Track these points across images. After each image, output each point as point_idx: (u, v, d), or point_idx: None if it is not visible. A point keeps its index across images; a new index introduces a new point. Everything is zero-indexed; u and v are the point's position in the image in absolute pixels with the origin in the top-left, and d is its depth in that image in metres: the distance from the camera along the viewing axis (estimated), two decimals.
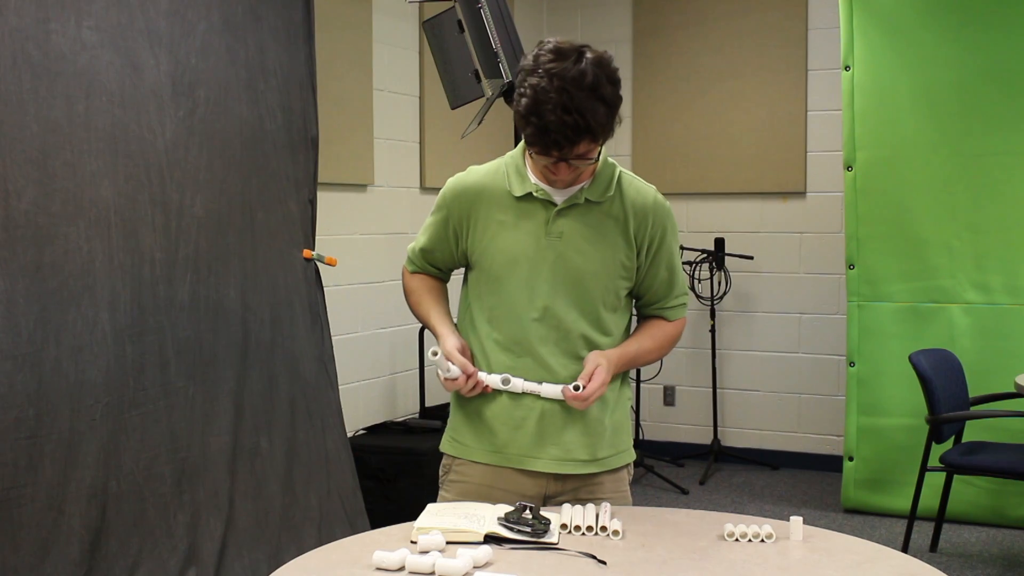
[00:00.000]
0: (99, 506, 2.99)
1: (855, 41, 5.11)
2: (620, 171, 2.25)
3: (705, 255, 6.03)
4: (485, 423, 2.24)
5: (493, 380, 2.18)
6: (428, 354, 2.16)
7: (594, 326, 2.21)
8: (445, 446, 2.34)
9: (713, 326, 6.10)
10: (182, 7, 3.28)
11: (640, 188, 2.25)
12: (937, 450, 4.52)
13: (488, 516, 2.03)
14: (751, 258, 6.07)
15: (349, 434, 4.21)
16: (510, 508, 2.05)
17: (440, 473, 2.35)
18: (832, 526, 4.82)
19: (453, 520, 2.01)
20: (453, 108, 3.89)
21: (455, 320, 2.33)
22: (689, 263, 6.02)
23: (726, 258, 6.05)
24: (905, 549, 4.48)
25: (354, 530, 3.65)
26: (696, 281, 6.09)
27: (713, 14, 6.20)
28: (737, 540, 2.01)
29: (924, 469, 4.54)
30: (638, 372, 6.00)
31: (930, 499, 4.71)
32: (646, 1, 6.40)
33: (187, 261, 3.29)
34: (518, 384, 2.18)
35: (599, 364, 2.15)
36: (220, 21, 3.41)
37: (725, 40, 6.17)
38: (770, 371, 6.20)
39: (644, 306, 2.34)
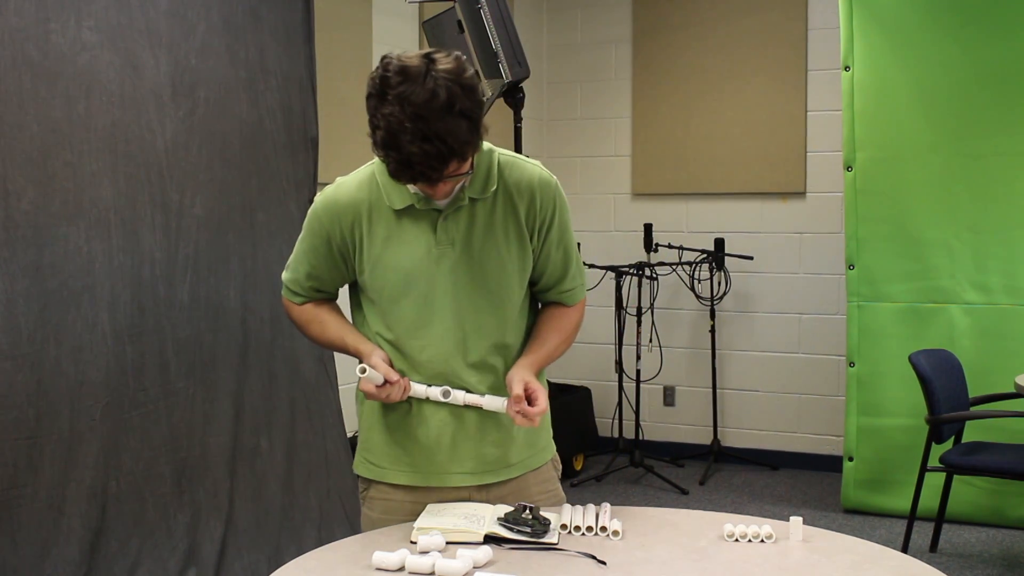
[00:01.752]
0: (99, 506, 2.99)
1: (855, 41, 5.11)
2: (499, 156, 2.11)
3: (705, 255, 6.02)
4: (398, 443, 2.16)
5: (433, 393, 2.08)
6: (356, 371, 2.05)
7: (502, 328, 2.13)
8: (359, 468, 2.24)
9: (713, 326, 6.10)
10: (182, 7, 3.28)
11: (523, 169, 2.11)
12: (937, 450, 4.52)
13: (488, 516, 2.03)
14: (751, 258, 6.07)
15: (349, 434, 4.21)
16: (510, 508, 2.05)
17: (359, 489, 2.26)
18: (832, 526, 4.82)
19: (453, 520, 2.00)
20: None
21: None
22: (689, 263, 6.02)
23: (726, 258, 6.05)
24: (905, 549, 4.48)
25: (354, 530, 3.65)
26: (696, 281, 6.09)
27: (713, 14, 6.20)
28: (737, 540, 2.01)
29: (924, 469, 4.53)
30: (638, 372, 6.00)
31: (930, 499, 4.71)
32: (646, 1, 6.39)
33: (187, 261, 3.29)
34: (459, 396, 2.08)
35: (526, 381, 2.05)
36: (220, 21, 3.41)
37: (725, 40, 6.17)
38: (770, 371, 6.20)
39: (541, 291, 2.20)
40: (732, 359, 6.29)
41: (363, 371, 2.03)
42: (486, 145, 2.09)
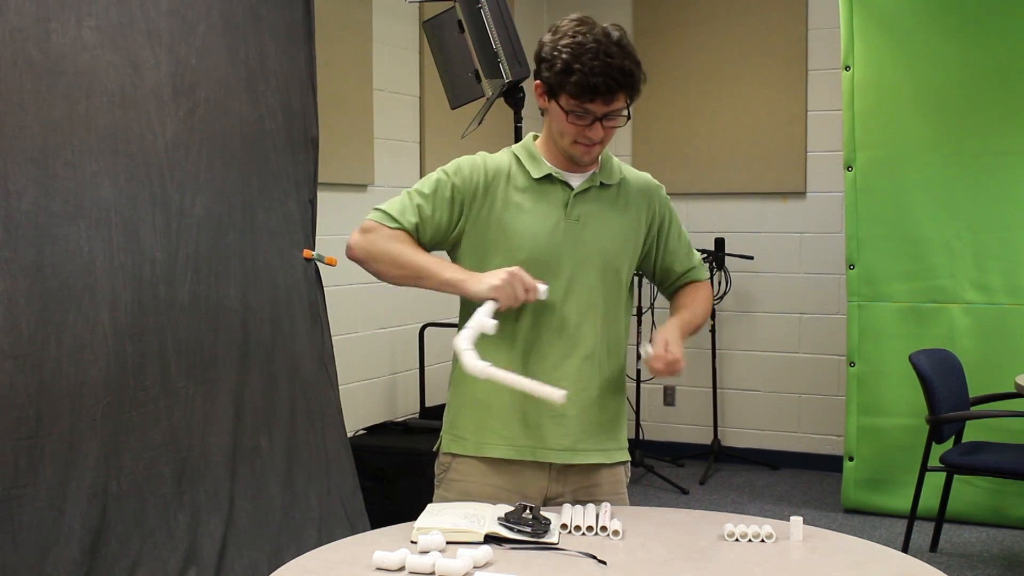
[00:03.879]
0: (99, 506, 2.99)
1: (855, 41, 5.11)
2: (616, 157, 2.35)
3: (705, 255, 6.02)
4: (496, 418, 2.22)
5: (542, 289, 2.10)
6: (486, 325, 2.03)
7: (610, 309, 2.24)
8: (452, 446, 2.28)
9: (713, 326, 6.10)
10: (182, 7, 3.28)
11: (637, 173, 2.36)
12: (937, 450, 4.52)
13: (488, 516, 2.03)
14: (751, 258, 6.07)
15: (349, 434, 4.21)
16: (510, 508, 2.05)
17: (437, 471, 2.31)
18: (832, 526, 4.82)
19: (453, 520, 2.01)
20: (453, 108, 3.89)
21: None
22: None
23: (726, 258, 6.06)
24: (905, 549, 4.48)
25: (354, 530, 3.66)
26: None
27: (713, 14, 6.20)
28: (737, 540, 2.01)
29: (924, 469, 4.54)
30: (638, 372, 6.00)
31: (930, 499, 4.71)
32: (646, 1, 6.40)
33: (187, 261, 3.29)
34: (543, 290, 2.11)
35: (666, 340, 2.20)
36: (220, 21, 3.41)
37: (725, 40, 6.17)
38: (770, 371, 6.20)
39: (677, 279, 2.42)
40: (732, 359, 6.29)
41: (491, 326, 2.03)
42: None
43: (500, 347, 2.16)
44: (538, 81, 2.16)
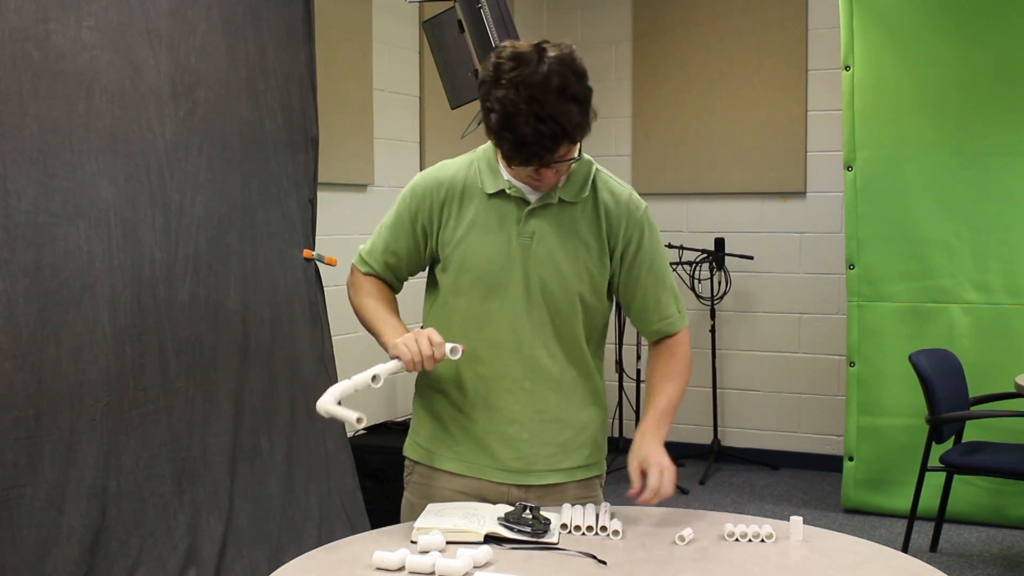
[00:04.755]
0: (99, 506, 2.99)
1: (855, 41, 5.11)
2: (596, 170, 2.17)
3: (705, 255, 6.03)
4: (450, 433, 2.22)
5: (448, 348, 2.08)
6: (371, 382, 2.03)
7: (567, 328, 2.17)
8: (409, 450, 2.29)
9: (713, 326, 6.10)
10: (182, 7, 3.28)
11: (614, 189, 2.17)
12: (937, 450, 4.52)
13: (488, 516, 2.03)
14: (751, 258, 6.07)
15: (349, 434, 4.21)
16: (510, 508, 2.05)
17: (404, 473, 2.32)
18: (832, 526, 4.82)
19: (453, 520, 2.00)
20: (453, 108, 3.89)
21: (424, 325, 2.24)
22: (689, 263, 6.02)
23: (726, 258, 6.05)
24: (905, 549, 4.48)
25: (354, 530, 3.65)
26: (696, 281, 6.09)
27: (713, 14, 6.20)
28: (737, 540, 2.01)
29: (924, 469, 4.54)
30: (638, 372, 6.00)
31: (930, 499, 4.71)
32: (646, 1, 6.39)
33: (187, 261, 3.29)
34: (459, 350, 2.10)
35: (640, 461, 2.10)
36: (220, 21, 3.41)
37: (725, 40, 6.17)
38: (770, 371, 6.20)
39: (641, 320, 2.25)
40: (732, 359, 6.29)
41: (375, 379, 2.03)
42: (587, 156, 2.15)
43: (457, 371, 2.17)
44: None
